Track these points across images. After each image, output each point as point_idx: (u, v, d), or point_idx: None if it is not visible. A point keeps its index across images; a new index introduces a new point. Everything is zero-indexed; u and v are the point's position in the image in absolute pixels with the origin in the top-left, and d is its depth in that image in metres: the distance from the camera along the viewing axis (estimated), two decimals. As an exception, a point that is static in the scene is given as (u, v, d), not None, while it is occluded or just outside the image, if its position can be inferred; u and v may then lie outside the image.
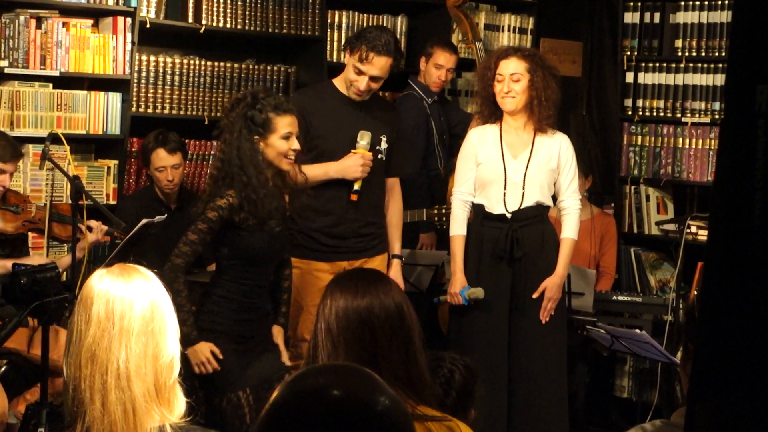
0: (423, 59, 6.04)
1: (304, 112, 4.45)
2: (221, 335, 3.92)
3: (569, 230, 4.67)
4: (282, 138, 3.94)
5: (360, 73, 4.54)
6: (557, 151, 4.65)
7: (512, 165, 4.62)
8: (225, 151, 3.94)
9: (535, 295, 4.59)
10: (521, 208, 4.61)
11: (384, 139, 4.69)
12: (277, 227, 3.98)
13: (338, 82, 4.69)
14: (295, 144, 3.96)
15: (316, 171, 4.51)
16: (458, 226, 4.69)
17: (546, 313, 4.58)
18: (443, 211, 5.24)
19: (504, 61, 4.60)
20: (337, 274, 2.62)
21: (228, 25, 5.77)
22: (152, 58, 5.61)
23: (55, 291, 3.52)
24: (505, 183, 4.61)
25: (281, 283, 4.21)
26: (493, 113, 4.68)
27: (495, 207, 4.64)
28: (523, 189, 4.61)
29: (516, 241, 4.59)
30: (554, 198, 4.77)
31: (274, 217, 3.95)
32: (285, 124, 3.95)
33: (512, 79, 4.56)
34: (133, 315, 2.12)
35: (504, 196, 4.62)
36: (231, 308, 3.95)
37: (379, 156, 4.69)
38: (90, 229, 4.66)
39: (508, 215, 4.61)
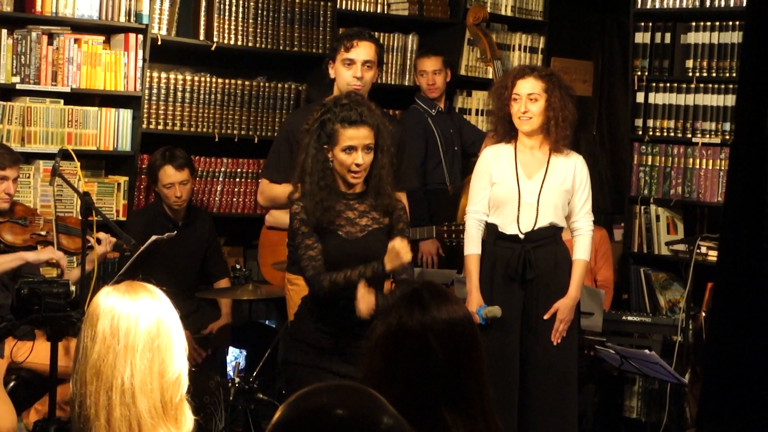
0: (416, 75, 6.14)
1: (290, 137, 4.44)
2: (300, 344, 3.84)
3: (582, 251, 4.63)
4: (343, 151, 3.80)
5: (351, 62, 4.50)
6: (572, 172, 4.61)
7: (526, 185, 4.59)
8: (300, 155, 3.88)
9: (546, 316, 4.54)
10: (535, 228, 4.57)
11: None
12: (360, 233, 3.86)
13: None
14: (359, 159, 3.79)
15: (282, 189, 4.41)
16: (473, 246, 4.64)
17: (558, 335, 4.53)
18: (452, 228, 5.22)
19: (521, 80, 4.55)
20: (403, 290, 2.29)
21: (239, 43, 5.78)
22: (163, 75, 5.63)
23: (52, 307, 3.51)
24: (519, 203, 4.57)
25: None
26: (508, 133, 4.63)
27: (508, 227, 4.59)
28: (537, 210, 4.57)
29: (528, 262, 4.55)
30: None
31: (352, 222, 3.85)
32: (347, 137, 3.79)
33: (529, 99, 4.53)
34: (138, 331, 2.12)
35: (518, 216, 4.58)
36: (311, 317, 3.84)
37: None
38: (99, 241, 4.66)
39: (521, 236, 4.57)
